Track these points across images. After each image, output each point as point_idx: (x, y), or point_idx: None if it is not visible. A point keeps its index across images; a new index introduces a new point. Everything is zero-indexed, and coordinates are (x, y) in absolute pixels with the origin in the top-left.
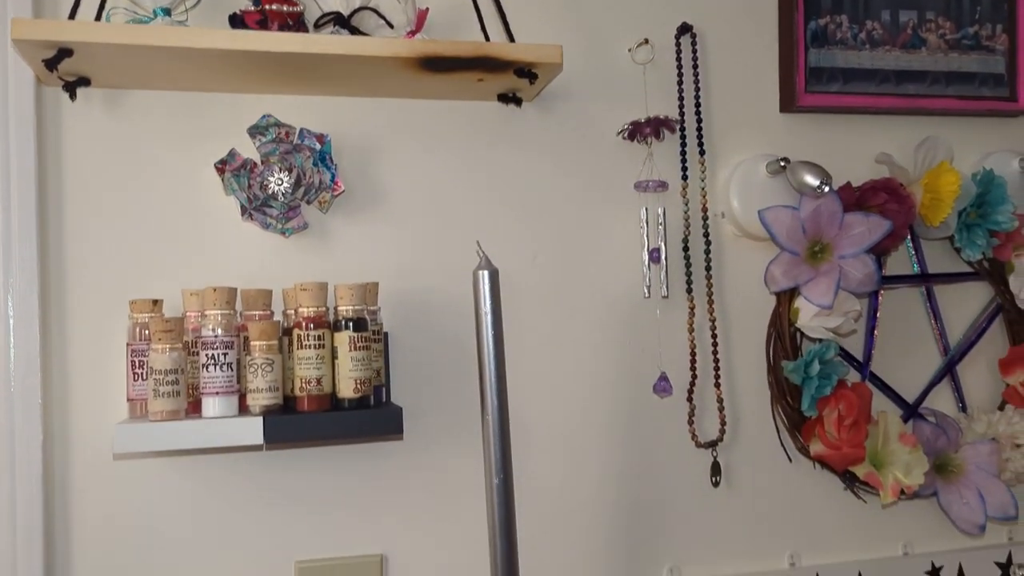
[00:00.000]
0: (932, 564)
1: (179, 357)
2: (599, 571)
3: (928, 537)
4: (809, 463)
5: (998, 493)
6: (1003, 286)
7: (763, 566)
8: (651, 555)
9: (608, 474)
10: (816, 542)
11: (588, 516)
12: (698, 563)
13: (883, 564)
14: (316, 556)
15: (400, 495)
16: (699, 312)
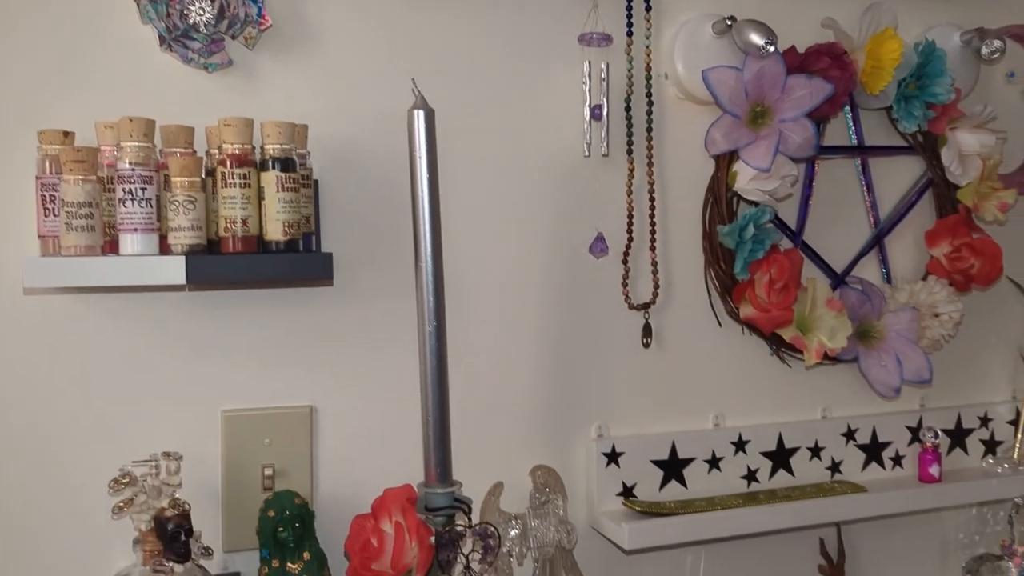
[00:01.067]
0: (848, 427)
1: (93, 189)
2: (529, 428)
3: (845, 402)
4: (738, 328)
5: (915, 358)
6: (935, 160)
7: (688, 426)
8: (580, 413)
9: (541, 332)
10: (740, 404)
11: (520, 373)
12: (626, 422)
13: (802, 426)
14: (244, 406)
15: (331, 346)
16: (638, 174)
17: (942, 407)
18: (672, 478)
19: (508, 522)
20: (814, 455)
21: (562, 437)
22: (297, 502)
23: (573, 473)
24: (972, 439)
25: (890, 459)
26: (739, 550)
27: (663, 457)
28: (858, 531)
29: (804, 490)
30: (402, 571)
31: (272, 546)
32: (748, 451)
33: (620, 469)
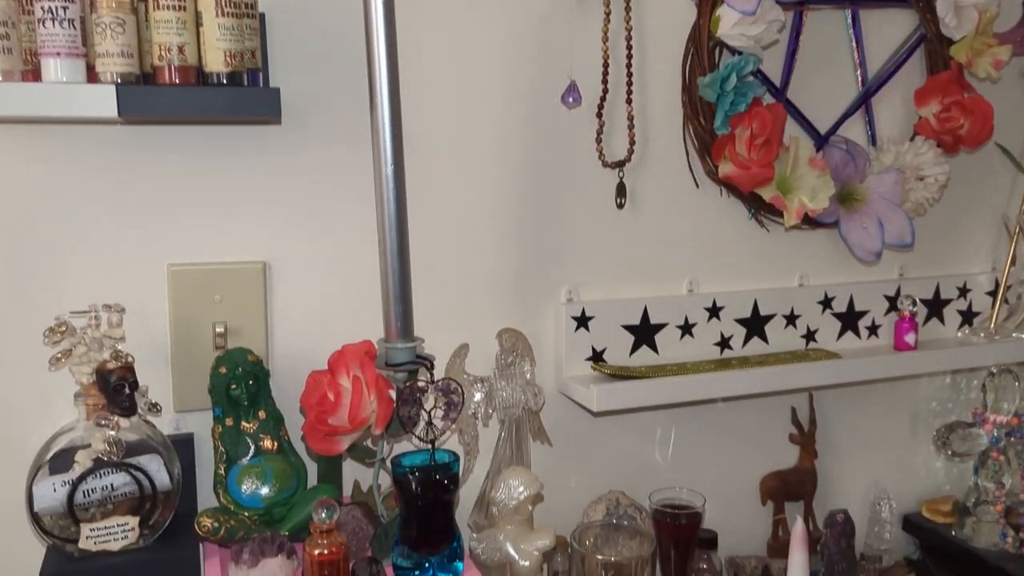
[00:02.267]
0: (825, 294)
1: (7, 7)
2: (496, 291)
3: (823, 269)
4: (716, 190)
5: (897, 221)
6: (930, 13)
7: (661, 291)
8: (550, 276)
9: (509, 189)
10: (715, 270)
11: (486, 233)
12: (597, 286)
13: (778, 293)
14: (191, 260)
15: (283, 196)
16: (615, 19)
17: (921, 277)
18: (643, 344)
19: (473, 384)
20: (789, 323)
21: (530, 300)
22: (250, 359)
23: (542, 338)
24: (950, 310)
25: (866, 328)
26: (710, 417)
27: (634, 322)
28: (830, 400)
29: (778, 356)
30: (360, 425)
31: (225, 404)
32: (722, 317)
33: (590, 334)
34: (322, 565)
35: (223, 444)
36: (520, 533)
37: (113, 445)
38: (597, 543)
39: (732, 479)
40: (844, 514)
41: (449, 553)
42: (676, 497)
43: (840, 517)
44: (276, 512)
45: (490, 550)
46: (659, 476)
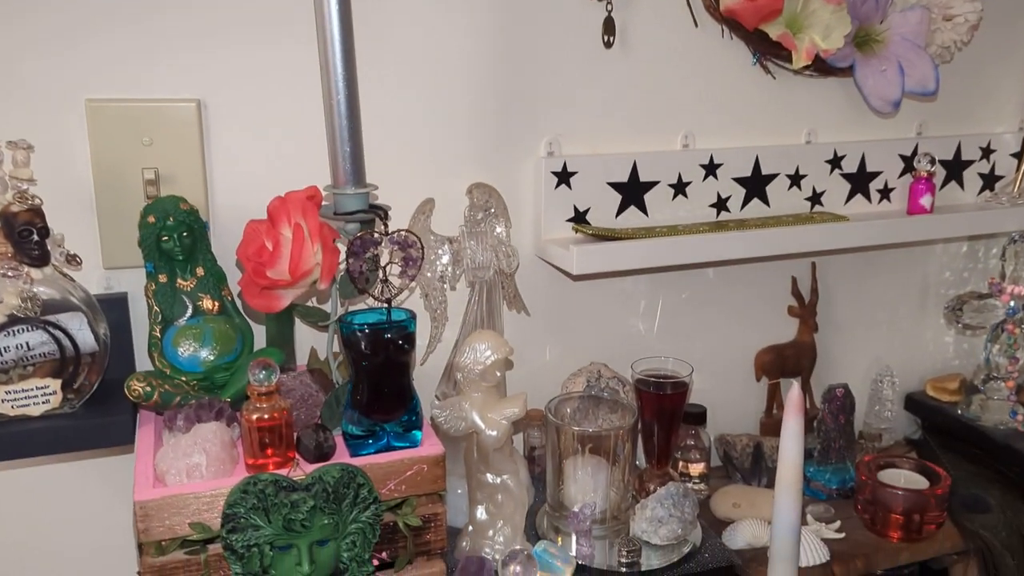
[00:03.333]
0: (834, 152)
1: None
2: (467, 142)
3: (834, 125)
4: (717, 29)
5: (920, 65)
6: None
7: (652, 145)
8: (527, 127)
9: (481, 23)
10: (714, 123)
11: (455, 78)
12: (581, 138)
13: (783, 151)
14: (114, 96)
15: (220, 27)
16: None
17: (941, 135)
18: (631, 204)
19: (440, 244)
20: (794, 184)
21: (506, 153)
22: (183, 207)
23: (518, 195)
24: (970, 172)
25: (878, 191)
26: (703, 286)
27: (622, 180)
28: (834, 270)
29: (780, 220)
30: (302, 278)
31: (157, 259)
32: (720, 176)
33: (572, 191)
34: (261, 432)
35: (157, 303)
36: (488, 402)
37: (28, 300)
38: (576, 416)
39: (725, 353)
40: (844, 389)
41: (406, 421)
42: (661, 367)
43: (840, 392)
44: (217, 377)
45: (454, 419)
46: (645, 348)
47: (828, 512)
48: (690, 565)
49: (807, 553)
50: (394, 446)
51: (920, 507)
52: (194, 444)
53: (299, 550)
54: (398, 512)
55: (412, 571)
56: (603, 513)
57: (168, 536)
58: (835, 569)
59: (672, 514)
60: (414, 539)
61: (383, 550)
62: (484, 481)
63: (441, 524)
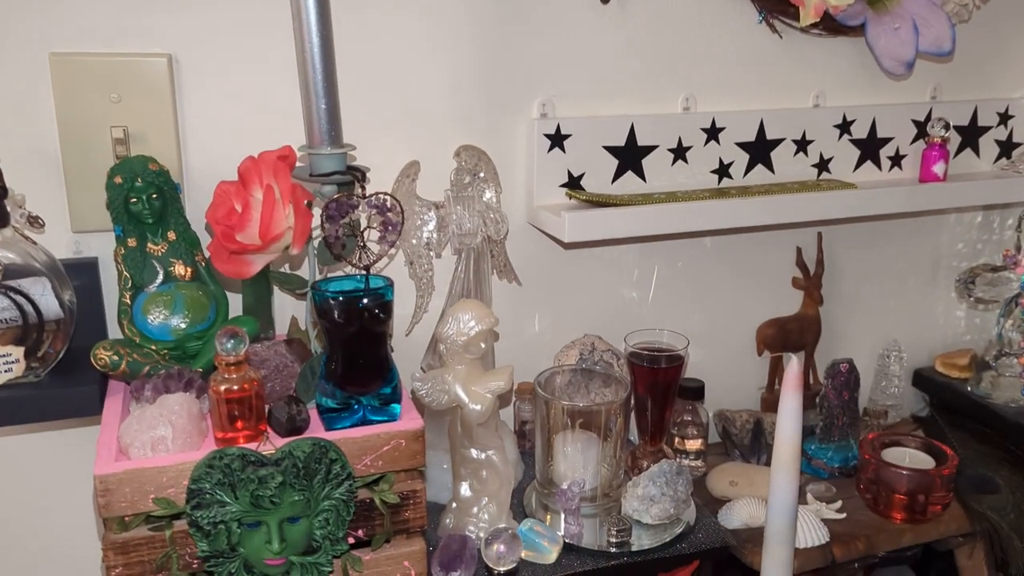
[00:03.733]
0: (843, 117)
1: None
2: (456, 103)
3: (843, 88)
4: None
5: (936, 24)
6: None
7: (652, 108)
8: (521, 86)
9: None
10: (717, 85)
11: (443, 34)
12: (576, 99)
13: (789, 115)
14: (80, 49)
15: None
16: None
17: (957, 100)
18: (628, 169)
19: (427, 210)
20: (800, 149)
21: (497, 114)
22: (152, 168)
23: (510, 159)
24: (987, 139)
25: (888, 158)
26: (702, 255)
27: (618, 143)
28: (841, 240)
29: (784, 187)
30: (272, 242)
31: (126, 222)
32: (722, 141)
33: (565, 155)
34: (230, 404)
35: (127, 268)
36: (472, 374)
37: None
38: (568, 390)
39: (725, 326)
40: (849, 364)
41: (383, 394)
42: (655, 340)
43: (844, 367)
44: (189, 347)
45: (436, 392)
46: (641, 320)
47: (829, 491)
48: (682, 545)
49: (805, 534)
50: (371, 420)
51: (925, 487)
52: (159, 416)
53: (269, 527)
54: (375, 488)
55: (390, 549)
56: (593, 491)
57: (131, 512)
58: (835, 551)
59: (664, 492)
60: (391, 516)
61: (359, 527)
62: (468, 456)
63: (420, 501)
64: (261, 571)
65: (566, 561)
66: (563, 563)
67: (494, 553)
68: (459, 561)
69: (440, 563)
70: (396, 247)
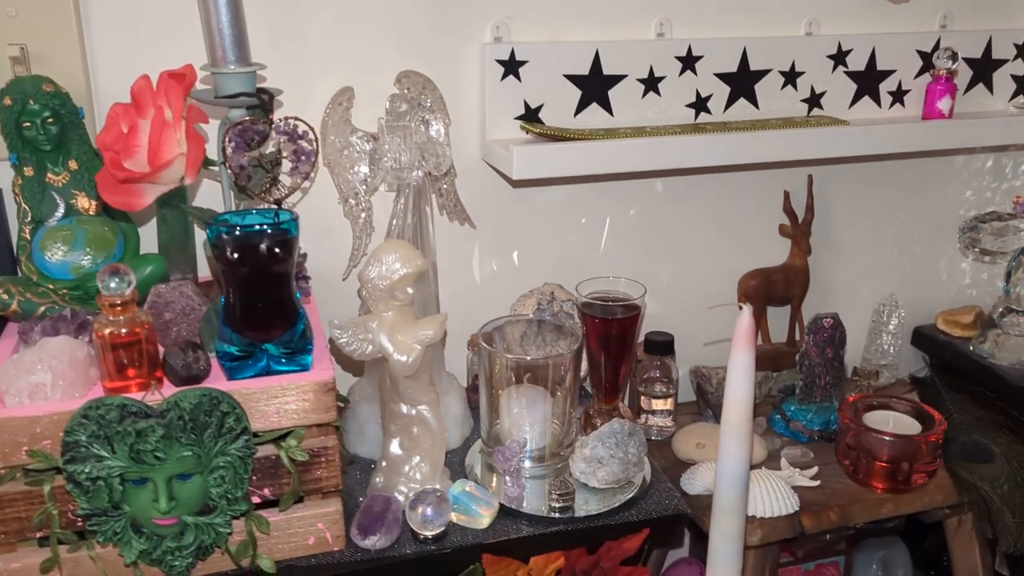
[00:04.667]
0: (839, 46)
1: None
2: (398, 23)
3: (840, 14)
4: None
5: None
6: None
7: (623, 33)
8: (470, 6)
9: None
10: (695, 8)
11: None
12: (536, 23)
13: (777, 44)
14: None
15: None
16: None
17: (969, 30)
18: (593, 100)
19: (363, 142)
20: (788, 82)
21: (446, 37)
22: (46, 89)
23: (461, 88)
24: (1002, 74)
25: (889, 93)
26: (680, 198)
27: (582, 72)
28: (836, 183)
29: (768, 123)
30: (162, 169)
31: (21, 149)
32: (699, 71)
33: (522, 84)
34: (116, 350)
35: (25, 200)
36: (401, 322)
37: None
38: (524, 342)
39: (705, 276)
40: (833, 319)
41: (290, 341)
42: (611, 289)
43: (828, 322)
44: (92, 287)
45: (357, 341)
46: (609, 269)
47: (806, 456)
48: (630, 512)
49: (772, 502)
50: (275, 370)
51: (909, 454)
52: (38, 360)
53: (155, 484)
54: (281, 444)
55: (303, 510)
56: (541, 450)
57: (4, 464)
58: (804, 521)
59: (613, 455)
60: (301, 475)
61: (265, 486)
62: (397, 412)
63: (333, 459)
64: (152, 531)
65: (500, 526)
66: (497, 528)
67: (419, 516)
68: (380, 524)
69: (359, 526)
70: (311, 179)
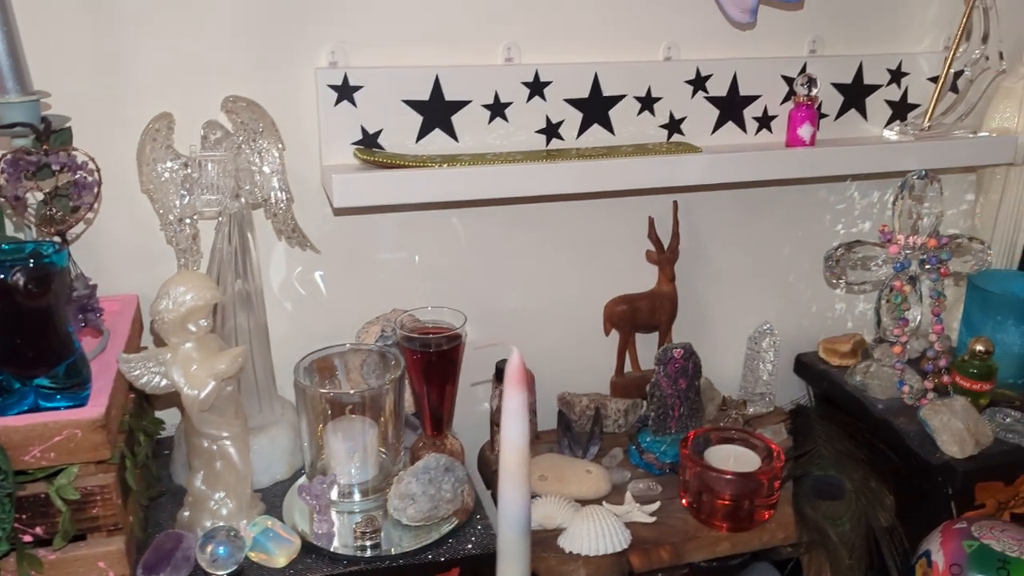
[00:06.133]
0: (697, 71)
1: None
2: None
3: (701, 39)
4: None
5: None
6: None
7: (469, 58)
8: (305, 31)
9: None
10: (549, 33)
11: None
12: (376, 47)
13: (631, 69)
14: None
15: None
16: None
17: (840, 55)
18: (436, 126)
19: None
20: (645, 107)
21: (283, 62)
22: None
23: (299, 113)
24: (876, 99)
25: (754, 119)
26: (544, 223)
27: (422, 97)
28: (706, 209)
29: (618, 149)
30: None
31: None
32: (548, 97)
33: (358, 109)
34: None
35: None
36: (198, 355)
37: None
38: (364, 371)
39: (573, 302)
40: (684, 349)
41: (62, 376)
42: (438, 319)
43: (678, 352)
44: None
45: (149, 373)
46: (464, 294)
47: (652, 490)
48: (440, 551)
49: (599, 539)
50: (43, 406)
51: (750, 491)
52: None
53: None
54: (51, 483)
55: (85, 549)
56: (364, 484)
57: None
58: (632, 559)
59: (425, 491)
60: (75, 514)
61: (36, 525)
62: (199, 446)
63: (110, 497)
64: None
65: (301, 565)
66: (296, 567)
67: (208, 555)
68: (166, 563)
69: (144, 564)
70: (95, 209)
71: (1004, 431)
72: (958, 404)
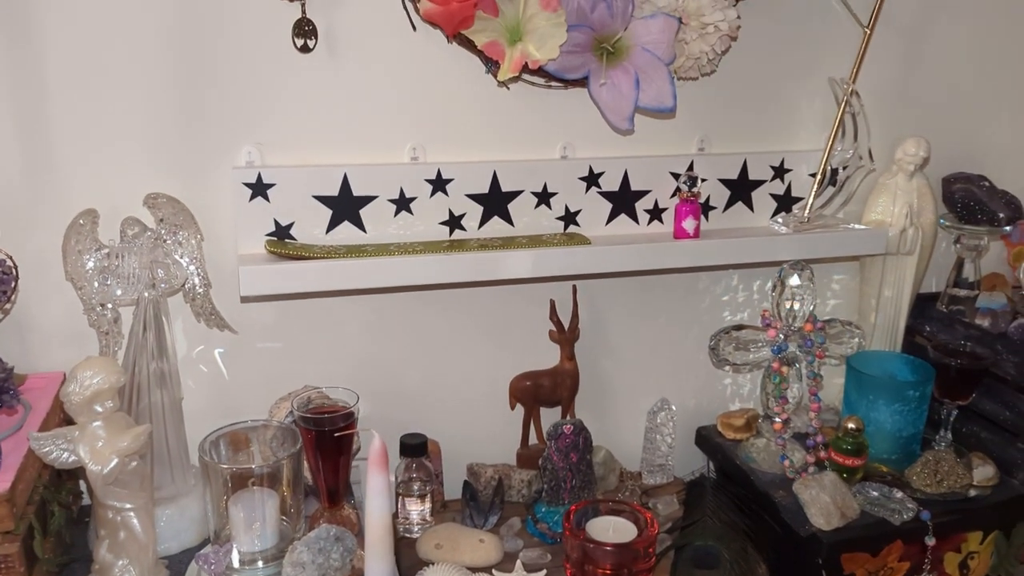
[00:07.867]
0: (590, 168)
1: None
2: (151, 144)
3: (595, 139)
4: (440, 35)
5: (657, 79)
6: None
7: (377, 158)
8: (225, 132)
9: (161, 28)
10: (444, 135)
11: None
12: (291, 149)
13: (528, 167)
14: None
15: None
16: None
17: (726, 152)
18: (345, 219)
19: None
20: (542, 202)
21: (199, 161)
22: None
23: (219, 206)
24: (761, 194)
25: (646, 211)
26: (453, 306)
27: (331, 193)
28: (605, 293)
29: (516, 241)
30: None
31: None
32: (451, 192)
33: (271, 204)
34: None
35: None
36: (106, 432)
37: None
38: (273, 444)
39: (480, 379)
40: (574, 426)
41: None
42: (336, 399)
43: (568, 428)
44: None
45: (58, 449)
46: (383, 374)
47: (543, 559)
48: None
49: None
50: None
51: (629, 561)
52: None
53: None
54: None
55: None
56: (264, 553)
57: None
58: None
59: (314, 560)
60: None
61: None
62: (104, 516)
63: (14, 565)
64: None
65: None
66: None
67: None
68: None
69: None
70: (12, 301)
71: (871, 505)
72: (827, 479)
